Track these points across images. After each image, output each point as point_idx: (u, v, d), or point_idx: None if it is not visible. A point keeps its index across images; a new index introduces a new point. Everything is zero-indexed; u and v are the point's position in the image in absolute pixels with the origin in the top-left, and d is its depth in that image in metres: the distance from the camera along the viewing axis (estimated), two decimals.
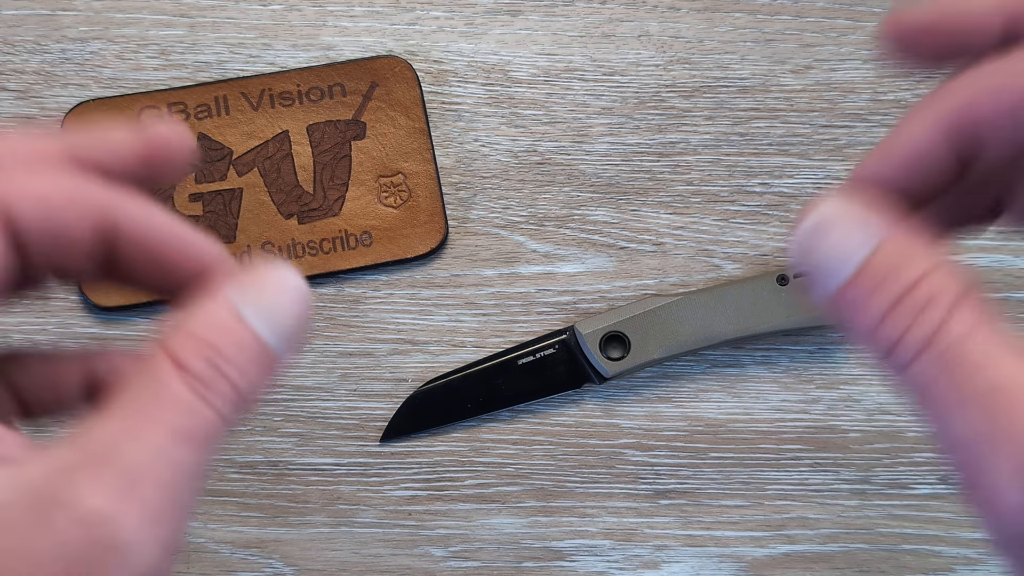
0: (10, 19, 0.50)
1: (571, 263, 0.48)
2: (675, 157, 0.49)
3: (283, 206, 0.48)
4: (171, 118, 0.23)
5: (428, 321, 0.48)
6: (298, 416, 0.47)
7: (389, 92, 0.49)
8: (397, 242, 0.48)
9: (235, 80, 0.49)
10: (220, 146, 0.48)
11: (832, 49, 0.50)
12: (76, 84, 0.49)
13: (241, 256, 0.48)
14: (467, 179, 0.49)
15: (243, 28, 0.50)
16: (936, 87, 0.20)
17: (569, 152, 0.49)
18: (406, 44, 0.50)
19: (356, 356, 0.47)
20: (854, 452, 0.46)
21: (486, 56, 0.50)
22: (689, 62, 0.50)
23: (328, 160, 0.49)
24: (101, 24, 0.50)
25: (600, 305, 0.48)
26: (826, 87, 0.49)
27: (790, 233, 0.19)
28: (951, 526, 0.46)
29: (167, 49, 0.50)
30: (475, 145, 0.49)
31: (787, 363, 0.47)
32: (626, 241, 0.48)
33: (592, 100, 0.49)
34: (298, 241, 0.48)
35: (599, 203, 0.48)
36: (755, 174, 0.49)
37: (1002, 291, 0.48)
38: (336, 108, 0.49)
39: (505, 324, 0.47)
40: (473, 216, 0.48)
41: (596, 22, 0.50)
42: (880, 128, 0.49)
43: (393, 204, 0.48)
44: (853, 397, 0.47)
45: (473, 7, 0.50)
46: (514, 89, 0.49)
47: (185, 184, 0.48)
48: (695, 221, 0.48)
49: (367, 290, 0.48)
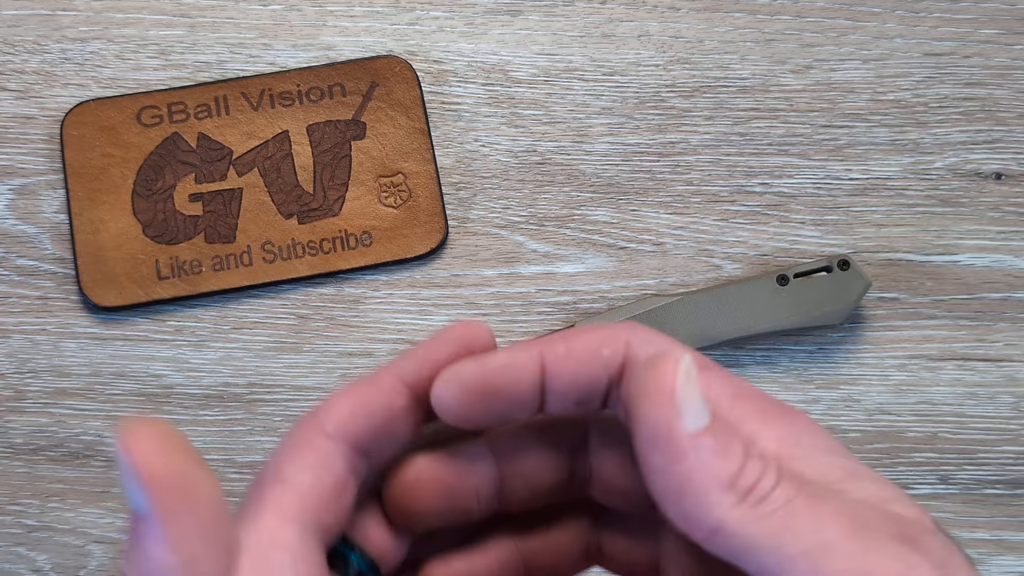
0: (10, 19, 0.50)
1: (571, 263, 0.48)
2: (675, 157, 0.49)
3: (283, 206, 0.48)
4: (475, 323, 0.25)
5: (428, 321, 0.48)
6: (298, 416, 0.47)
7: (389, 92, 0.49)
8: (397, 242, 0.48)
9: (235, 80, 0.49)
10: (220, 146, 0.48)
11: (832, 49, 0.50)
12: (76, 84, 0.49)
13: (241, 256, 0.48)
14: (467, 179, 0.49)
15: (243, 28, 0.50)
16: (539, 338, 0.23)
17: (569, 152, 0.49)
18: (406, 44, 0.50)
19: (356, 356, 0.47)
20: (854, 452, 0.46)
21: (486, 56, 0.50)
22: (689, 62, 0.50)
23: (328, 160, 0.49)
24: (101, 24, 0.50)
25: (600, 305, 0.48)
26: (826, 87, 0.49)
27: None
28: (951, 526, 0.46)
29: (167, 49, 0.50)
30: (475, 145, 0.49)
31: (787, 363, 0.47)
32: (626, 241, 0.48)
33: (592, 100, 0.49)
34: (298, 241, 0.48)
35: (599, 203, 0.48)
36: (755, 174, 0.49)
37: (1002, 291, 0.48)
38: (336, 108, 0.49)
39: (505, 324, 0.47)
40: (473, 216, 0.48)
41: (596, 22, 0.50)
42: (880, 128, 0.49)
43: (393, 204, 0.48)
44: (853, 397, 0.47)
45: (473, 7, 0.50)
46: (514, 89, 0.49)
47: (185, 184, 0.48)
48: (695, 221, 0.48)
49: (367, 290, 0.48)
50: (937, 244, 0.48)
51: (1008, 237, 0.48)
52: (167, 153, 0.48)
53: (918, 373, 0.47)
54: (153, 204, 0.48)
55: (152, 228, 0.48)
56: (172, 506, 0.19)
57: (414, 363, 0.23)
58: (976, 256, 0.48)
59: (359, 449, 0.23)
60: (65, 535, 0.46)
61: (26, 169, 0.49)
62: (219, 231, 0.48)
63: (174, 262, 0.47)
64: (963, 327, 0.47)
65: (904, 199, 0.48)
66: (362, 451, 0.23)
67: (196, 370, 0.47)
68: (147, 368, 0.47)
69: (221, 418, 0.47)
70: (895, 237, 0.48)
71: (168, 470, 0.19)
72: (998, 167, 0.49)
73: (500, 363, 0.22)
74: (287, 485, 0.22)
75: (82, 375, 0.47)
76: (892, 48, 0.50)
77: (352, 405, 0.23)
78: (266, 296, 0.48)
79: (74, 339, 0.47)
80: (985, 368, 0.47)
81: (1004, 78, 0.49)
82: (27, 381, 0.47)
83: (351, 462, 0.23)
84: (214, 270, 0.47)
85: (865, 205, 0.48)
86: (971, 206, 0.48)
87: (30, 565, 0.46)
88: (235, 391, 0.47)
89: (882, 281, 0.48)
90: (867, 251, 0.48)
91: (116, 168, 0.48)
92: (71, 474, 0.46)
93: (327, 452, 0.22)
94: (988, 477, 0.46)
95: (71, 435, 0.46)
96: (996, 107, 0.49)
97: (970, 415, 0.47)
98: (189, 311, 0.47)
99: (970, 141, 0.49)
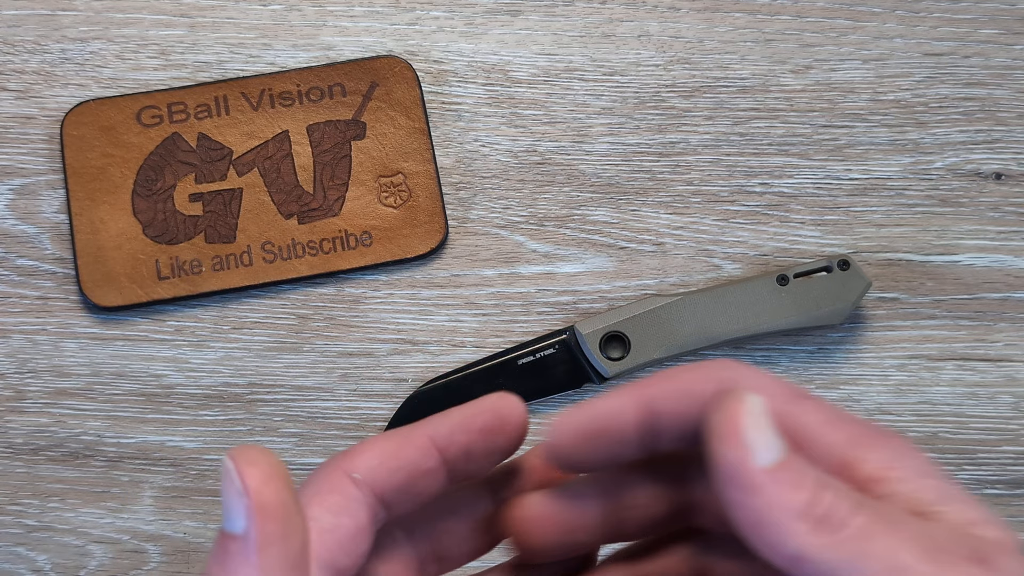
0: (10, 19, 0.50)
1: (571, 263, 0.48)
2: (675, 157, 0.49)
3: (283, 206, 0.48)
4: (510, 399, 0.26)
5: (428, 321, 0.48)
6: (298, 416, 0.47)
7: (389, 92, 0.49)
8: (397, 242, 0.48)
9: (235, 80, 0.49)
10: (220, 146, 0.48)
11: (832, 49, 0.50)
12: (76, 84, 0.49)
13: (241, 256, 0.48)
14: (467, 179, 0.49)
15: (243, 28, 0.50)
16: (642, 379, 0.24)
17: (569, 152, 0.49)
18: (406, 44, 0.50)
19: (356, 356, 0.47)
20: None
21: (486, 56, 0.50)
22: (689, 62, 0.50)
23: (328, 160, 0.49)
24: (101, 24, 0.50)
25: (600, 305, 0.48)
26: (826, 87, 0.49)
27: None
28: None
29: (167, 49, 0.50)
30: (475, 145, 0.49)
31: (787, 363, 0.47)
32: (626, 241, 0.48)
33: (592, 100, 0.49)
34: (298, 241, 0.48)
35: (599, 203, 0.48)
36: (755, 174, 0.49)
37: (1002, 291, 0.48)
38: (336, 108, 0.49)
39: (505, 324, 0.47)
40: (473, 216, 0.48)
41: (596, 22, 0.50)
42: (880, 128, 0.49)
43: (393, 204, 0.48)
44: (853, 397, 0.47)
45: (473, 7, 0.50)
46: (514, 89, 0.49)
47: (185, 184, 0.48)
48: (695, 221, 0.48)
49: (367, 290, 0.48)
50: (937, 244, 0.48)
51: (1008, 237, 0.48)
52: (167, 153, 0.48)
53: (918, 373, 0.47)
54: (153, 204, 0.48)
55: (152, 228, 0.48)
56: (270, 534, 0.20)
57: (448, 427, 0.24)
58: (976, 256, 0.48)
59: (382, 500, 0.24)
60: (65, 535, 0.46)
61: (26, 169, 0.49)
62: (219, 231, 0.48)
63: (174, 262, 0.47)
64: (963, 327, 0.47)
65: (904, 199, 0.48)
66: (384, 502, 0.24)
67: (196, 370, 0.47)
68: (147, 368, 0.47)
69: (221, 418, 0.47)
70: (895, 237, 0.48)
71: (274, 500, 0.20)
72: (998, 167, 0.49)
73: (607, 407, 0.24)
74: (309, 524, 0.23)
75: (82, 375, 0.47)
76: (892, 48, 0.50)
77: (382, 456, 0.24)
78: (266, 296, 0.48)
79: (74, 339, 0.47)
80: (985, 368, 0.47)
81: (1004, 78, 0.49)
82: (27, 381, 0.47)
83: (373, 510, 0.24)
84: (214, 270, 0.47)
85: (865, 205, 0.48)
86: (971, 206, 0.48)
87: (30, 565, 0.46)
88: (235, 391, 0.47)
89: (882, 281, 0.48)
90: (867, 251, 0.48)
91: (116, 168, 0.48)
92: (71, 474, 0.46)
93: (352, 497, 0.23)
94: (988, 477, 0.46)
95: (71, 435, 0.46)
96: (996, 107, 0.49)
97: (970, 415, 0.47)
98: (189, 311, 0.47)
99: (970, 141, 0.49)
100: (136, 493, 0.46)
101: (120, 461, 0.46)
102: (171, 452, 0.46)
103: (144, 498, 0.46)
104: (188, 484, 0.46)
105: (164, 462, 0.46)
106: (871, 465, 0.23)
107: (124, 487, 0.46)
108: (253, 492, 0.19)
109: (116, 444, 0.46)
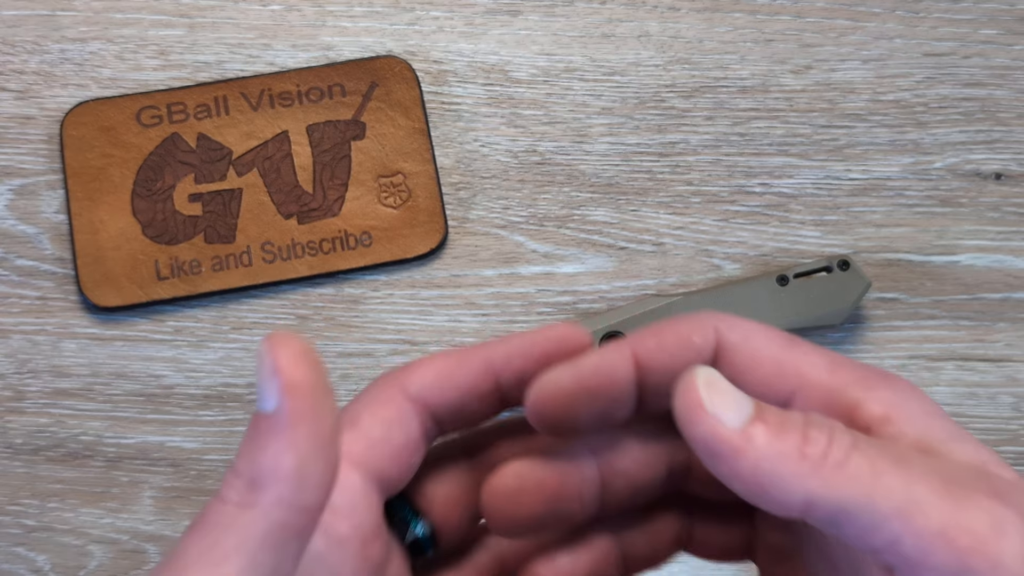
0: (10, 19, 0.50)
1: (571, 263, 0.48)
2: (675, 157, 0.49)
3: (283, 206, 0.48)
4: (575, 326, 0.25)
5: (428, 321, 0.48)
6: None
7: (389, 92, 0.49)
8: (397, 242, 0.48)
9: (235, 80, 0.49)
10: (220, 146, 0.48)
11: (832, 49, 0.50)
12: (76, 84, 0.49)
13: (241, 256, 0.48)
14: (467, 179, 0.49)
15: (243, 28, 0.50)
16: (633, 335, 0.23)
17: (569, 152, 0.49)
18: (406, 44, 0.50)
19: (356, 356, 0.47)
20: None
21: (486, 56, 0.50)
22: (689, 62, 0.50)
23: (328, 160, 0.48)
24: (101, 24, 0.50)
25: (600, 305, 0.48)
26: (826, 87, 0.49)
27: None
28: None
29: (166, 49, 0.50)
30: (475, 145, 0.49)
31: None
32: (626, 241, 0.48)
33: (592, 100, 0.49)
34: (298, 241, 0.48)
35: (599, 203, 0.48)
36: (755, 174, 0.49)
37: (1002, 291, 0.48)
38: (336, 108, 0.49)
39: (505, 324, 0.47)
40: (473, 216, 0.48)
41: (596, 22, 0.50)
42: (880, 128, 0.49)
43: (393, 204, 0.48)
44: None
45: (473, 7, 0.50)
46: (514, 89, 0.49)
47: (185, 184, 0.48)
48: (695, 221, 0.48)
49: (367, 290, 0.48)
50: (937, 244, 0.48)
51: (1008, 237, 0.48)
52: (167, 153, 0.48)
53: (918, 373, 0.47)
54: (153, 204, 0.48)
55: (152, 228, 0.48)
56: (300, 411, 0.20)
57: (507, 351, 0.24)
58: (976, 256, 0.48)
59: (435, 417, 0.24)
60: (65, 535, 0.46)
61: (26, 169, 0.49)
62: (219, 231, 0.48)
63: (174, 262, 0.47)
64: (963, 327, 0.47)
65: (904, 199, 0.48)
66: (437, 419, 0.24)
67: (196, 370, 0.47)
68: (147, 368, 0.47)
69: (221, 418, 0.47)
70: (895, 237, 0.48)
71: (305, 380, 0.20)
72: (998, 167, 0.49)
73: (593, 364, 0.23)
74: (359, 433, 0.23)
75: (82, 375, 0.47)
76: (892, 48, 0.50)
77: (437, 375, 0.24)
78: (266, 296, 0.48)
79: (74, 339, 0.47)
80: (985, 368, 0.47)
81: (1004, 78, 0.49)
82: (27, 381, 0.47)
83: (425, 426, 0.23)
84: (214, 270, 0.47)
85: (865, 205, 0.48)
86: (971, 206, 0.48)
87: (30, 565, 0.46)
88: (235, 391, 0.47)
89: (882, 281, 0.48)
90: (867, 251, 0.48)
91: (116, 168, 0.48)
92: (71, 474, 0.46)
93: (404, 411, 0.23)
94: None
95: (71, 435, 0.46)
96: (996, 107, 0.49)
97: (970, 415, 0.47)
98: (189, 311, 0.47)
99: (970, 141, 0.49)
100: (136, 493, 0.46)
101: (120, 461, 0.46)
102: (171, 452, 0.46)
103: (144, 498, 0.46)
104: (188, 484, 0.46)
105: (164, 462, 0.46)
106: (875, 406, 0.22)
107: (124, 487, 0.46)
108: (284, 371, 0.19)
109: (116, 444, 0.46)
